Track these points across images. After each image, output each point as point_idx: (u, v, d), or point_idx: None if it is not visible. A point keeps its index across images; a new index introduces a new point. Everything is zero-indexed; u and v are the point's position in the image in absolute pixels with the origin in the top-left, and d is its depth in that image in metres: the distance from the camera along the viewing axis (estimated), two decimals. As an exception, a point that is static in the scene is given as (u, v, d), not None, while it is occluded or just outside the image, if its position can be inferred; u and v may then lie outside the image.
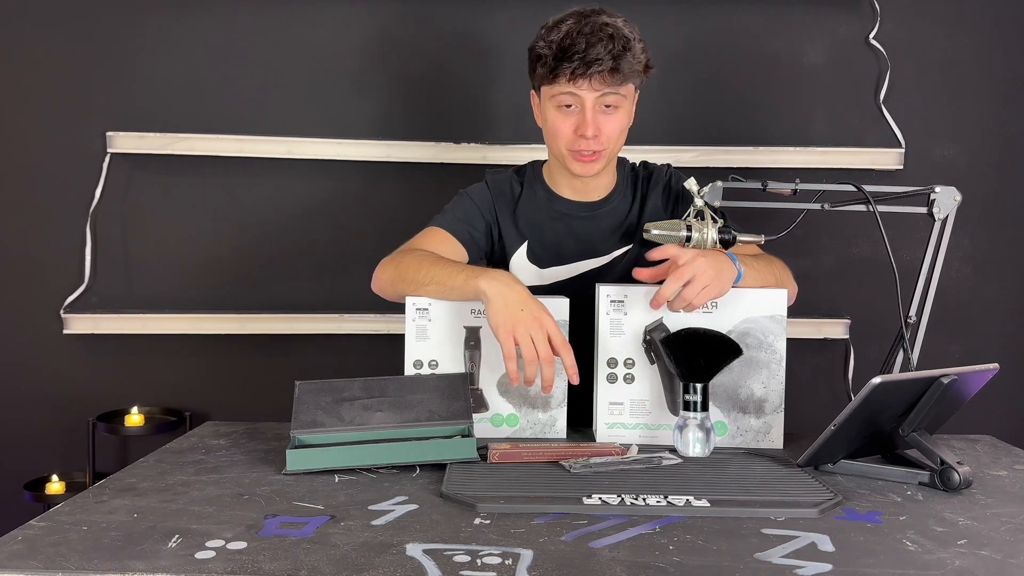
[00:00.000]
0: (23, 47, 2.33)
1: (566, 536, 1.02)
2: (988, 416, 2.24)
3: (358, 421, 1.33)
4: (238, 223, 2.39)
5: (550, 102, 1.57)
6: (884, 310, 1.72)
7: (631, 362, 1.45)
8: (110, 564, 0.92)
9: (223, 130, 2.33)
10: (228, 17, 2.36)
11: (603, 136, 1.56)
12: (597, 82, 1.51)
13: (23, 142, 2.35)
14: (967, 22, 2.41)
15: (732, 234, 1.49)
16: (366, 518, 1.08)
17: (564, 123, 1.56)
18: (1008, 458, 1.44)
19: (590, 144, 1.55)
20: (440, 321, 1.46)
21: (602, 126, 1.55)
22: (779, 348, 1.44)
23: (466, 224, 1.66)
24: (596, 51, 1.48)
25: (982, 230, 2.42)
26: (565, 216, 1.69)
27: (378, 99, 2.40)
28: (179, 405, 2.38)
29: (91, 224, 2.35)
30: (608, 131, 1.56)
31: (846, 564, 0.95)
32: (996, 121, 2.43)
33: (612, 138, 1.58)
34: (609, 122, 1.56)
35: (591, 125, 1.53)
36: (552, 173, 1.71)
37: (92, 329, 2.32)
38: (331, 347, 2.37)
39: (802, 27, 2.41)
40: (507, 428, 1.46)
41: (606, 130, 1.56)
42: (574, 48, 1.48)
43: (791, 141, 2.39)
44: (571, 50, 1.49)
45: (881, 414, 1.26)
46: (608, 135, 1.56)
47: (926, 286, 1.55)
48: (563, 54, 1.49)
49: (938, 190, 1.54)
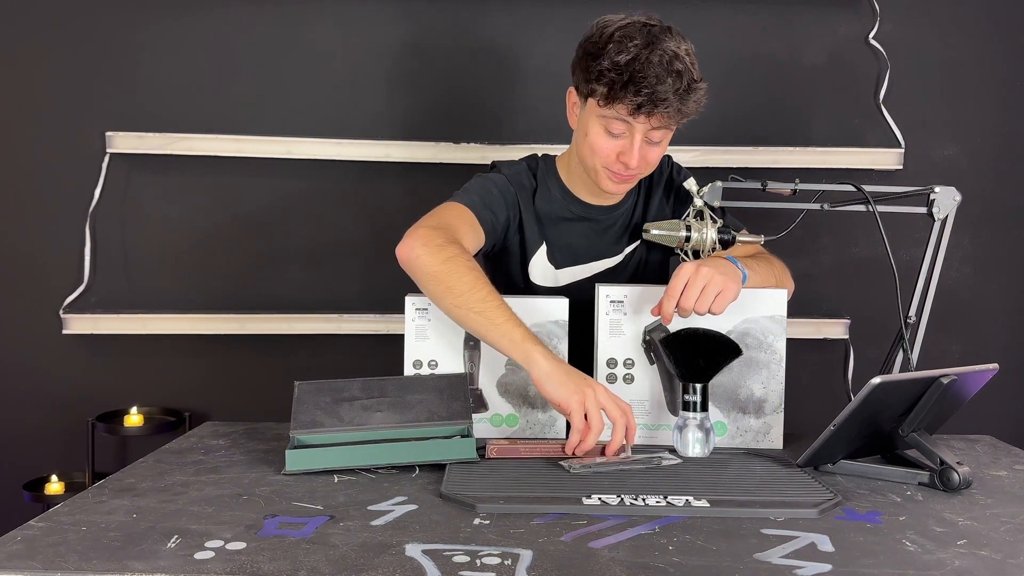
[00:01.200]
0: (23, 47, 2.33)
1: (565, 536, 1.02)
2: (988, 416, 2.24)
3: (357, 421, 1.33)
4: (238, 223, 2.39)
5: (597, 120, 1.49)
6: (884, 310, 1.72)
7: (631, 362, 1.45)
8: (109, 564, 0.92)
9: (223, 130, 2.33)
10: (228, 17, 2.36)
11: (643, 166, 1.52)
12: (656, 119, 1.44)
13: (23, 142, 2.35)
14: (967, 22, 2.41)
15: (731, 234, 1.49)
16: (365, 518, 1.08)
17: (607, 145, 1.50)
18: (1008, 458, 1.44)
19: (629, 171, 1.51)
20: (440, 321, 1.46)
21: (646, 156, 1.50)
22: (779, 348, 1.44)
23: (490, 212, 1.58)
24: (664, 89, 1.40)
25: (982, 230, 2.42)
26: (582, 218, 1.66)
27: (378, 99, 2.40)
28: (178, 405, 2.38)
29: (90, 224, 2.35)
30: (650, 161, 1.52)
31: (846, 564, 0.95)
32: (996, 121, 2.43)
33: (649, 166, 1.54)
34: (652, 152, 1.51)
35: (635, 156, 1.48)
36: (570, 172, 1.66)
37: (91, 329, 2.32)
38: (330, 347, 2.37)
39: (802, 27, 2.41)
40: (507, 428, 1.46)
41: (647, 160, 1.51)
42: (644, 81, 1.39)
43: (791, 141, 2.39)
44: (640, 83, 1.40)
45: (881, 414, 1.26)
46: (648, 164, 1.53)
47: (926, 286, 1.55)
48: (630, 82, 1.40)
49: (938, 190, 1.54)
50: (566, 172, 1.67)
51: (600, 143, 1.50)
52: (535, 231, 1.65)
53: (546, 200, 1.66)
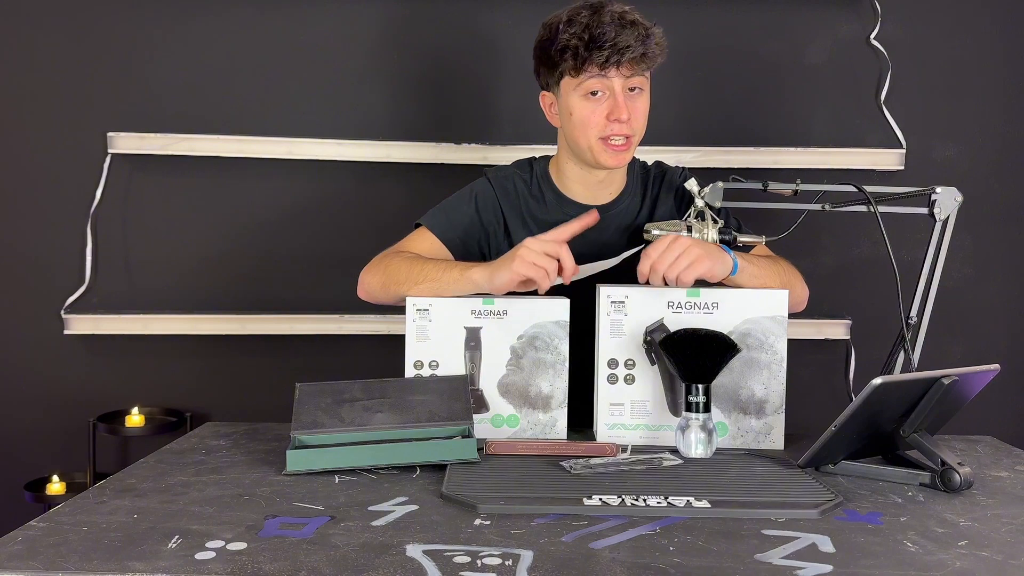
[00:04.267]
0: (23, 47, 2.33)
1: (566, 537, 1.02)
2: (989, 417, 2.24)
3: (358, 422, 1.33)
4: (238, 224, 2.39)
5: (576, 92, 1.56)
6: (885, 311, 1.72)
7: (632, 363, 1.45)
8: (110, 565, 0.92)
9: (223, 130, 2.33)
10: (228, 17, 2.36)
11: (634, 119, 1.56)
12: (627, 68, 1.52)
13: (23, 142, 2.35)
14: (968, 22, 2.41)
15: (732, 234, 1.49)
16: (366, 519, 1.08)
17: (594, 112, 1.55)
18: (1009, 459, 1.44)
19: (623, 128, 1.55)
20: (440, 322, 1.46)
21: (631, 110, 1.56)
22: (780, 349, 1.44)
23: (460, 231, 1.66)
24: (625, 38, 1.50)
25: (983, 231, 2.41)
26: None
27: (379, 99, 2.40)
28: (179, 406, 2.38)
29: (92, 225, 2.35)
30: (636, 115, 1.57)
31: (846, 565, 0.95)
32: (997, 121, 2.43)
33: (640, 124, 1.59)
34: (637, 107, 1.57)
35: (624, 108, 1.54)
36: (561, 173, 1.69)
37: (93, 329, 2.32)
38: (331, 348, 2.37)
39: (803, 27, 2.41)
40: (507, 428, 1.46)
41: (634, 114, 1.56)
42: (604, 37, 1.50)
43: (792, 141, 2.39)
44: (601, 39, 1.50)
45: (882, 415, 1.26)
46: (636, 119, 1.57)
47: (927, 287, 1.55)
48: (593, 43, 1.50)
49: (939, 191, 1.54)
50: (557, 174, 1.70)
51: (586, 113, 1.56)
52: (522, 234, 1.65)
53: (540, 204, 1.68)
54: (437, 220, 1.66)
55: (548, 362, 1.46)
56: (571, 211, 1.66)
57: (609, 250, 1.67)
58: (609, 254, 1.67)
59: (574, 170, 1.66)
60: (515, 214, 1.68)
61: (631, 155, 1.62)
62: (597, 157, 1.59)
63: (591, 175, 1.65)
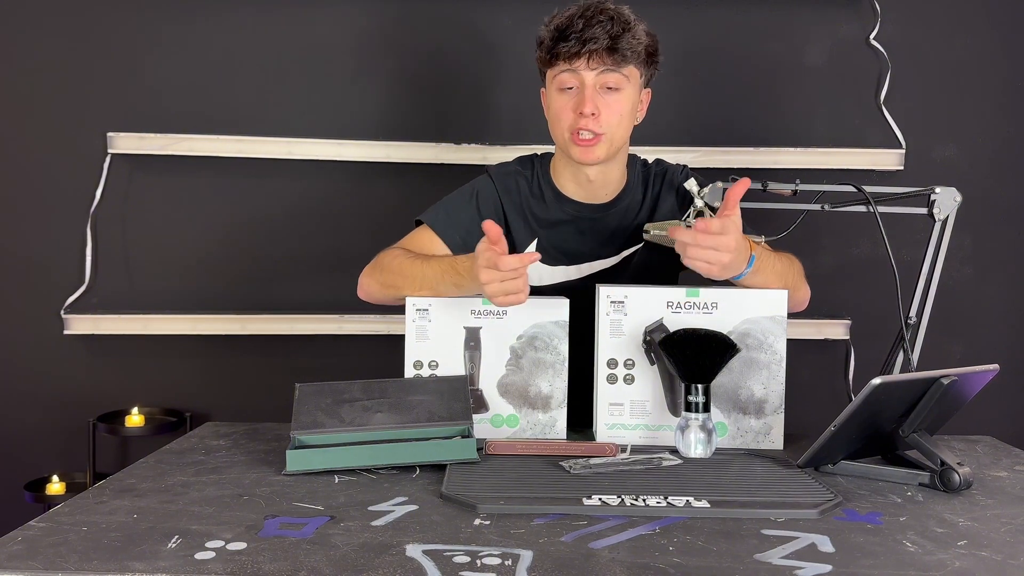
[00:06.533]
0: (23, 47, 2.33)
1: (566, 537, 1.02)
2: (988, 417, 2.24)
3: (358, 422, 1.33)
4: (238, 224, 2.39)
5: (552, 85, 1.58)
6: (884, 311, 1.71)
7: (631, 363, 1.45)
8: (110, 565, 0.92)
9: (223, 130, 2.33)
10: (228, 17, 2.36)
11: (602, 117, 1.54)
12: (595, 61, 1.51)
13: (23, 142, 2.35)
14: (968, 23, 2.41)
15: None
16: (366, 519, 1.08)
17: (564, 104, 1.55)
18: (1008, 459, 1.44)
19: (589, 123, 1.53)
20: (440, 322, 1.46)
21: (602, 107, 1.53)
22: (779, 349, 1.44)
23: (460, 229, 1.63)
24: (593, 31, 1.50)
25: (983, 231, 2.41)
26: (576, 218, 1.66)
27: (378, 100, 2.40)
28: (179, 406, 2.38)
29: (92, 225, 2.35)
30: (608, 113, 1.54)
31: (846, 565, 0.95)
32: (996, 121, 2.43)
33: (612, 122, 1.55)
34: (609, 104, 1.54)
35: (589, 102, 1.52)
36: (558, 171, 1.68)
37: (92, 330, 2.33)
38: (331, 348, 2.37)
39: (802, 27, 2.41)
40: (507, 429, 1.46)
41: (606, 112, 1.54)
42: (571, 28, 1.51)
43: (791, 142, 2.39)
44: (568, 30, 1.51)
45: (881, 415, 1.26)
46: (607, 117, 1.54)
47: (926, 287, 1.55)
48: (561, 35, 1.52)
49: (938, 191, 1.54)
50: (555, 172, 1.69)
51: (558, 106, 1.57)
52: (524, 232, 1.66)
53: (540, 201, 1.68)
54: (438, 218, 1.65)
55: (548, 362, 1.46)
56: (569, 210, 1.66)
57: (608, 249, 1.67)
58: (609, 253, 1.67)
59: (566, 168, 1.65)
60: (516, 212, 1.67)
61: (603, 152, 1.57)
62: (569, 152, 1.58)
63: (580, 173, 1.63)
